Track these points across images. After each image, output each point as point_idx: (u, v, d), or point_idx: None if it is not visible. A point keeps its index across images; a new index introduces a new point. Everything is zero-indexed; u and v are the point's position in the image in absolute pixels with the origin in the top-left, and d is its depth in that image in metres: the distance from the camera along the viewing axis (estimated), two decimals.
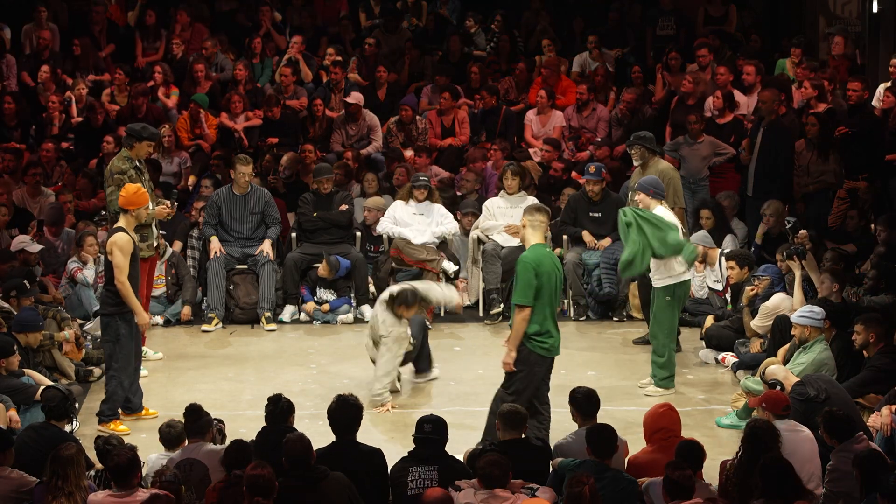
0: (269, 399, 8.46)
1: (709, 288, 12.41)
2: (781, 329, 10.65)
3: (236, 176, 12.99)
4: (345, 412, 8.14)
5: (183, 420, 8.41)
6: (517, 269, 8.95)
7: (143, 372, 10.78)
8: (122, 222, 9.94)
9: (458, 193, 14.21)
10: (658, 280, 10.77)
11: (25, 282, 11.38)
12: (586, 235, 13.01)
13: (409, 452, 8.03)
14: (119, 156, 11.23)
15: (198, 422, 8.30)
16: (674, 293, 10.73)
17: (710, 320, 11.86)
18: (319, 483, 7.53)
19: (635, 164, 11.79)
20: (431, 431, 8.00)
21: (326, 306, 12.84)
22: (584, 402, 8.48)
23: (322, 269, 12.93)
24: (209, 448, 8.18)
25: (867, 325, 9.70)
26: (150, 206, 10.25)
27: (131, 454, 7.52)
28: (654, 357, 10.83)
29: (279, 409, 8.36)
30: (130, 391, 10.11)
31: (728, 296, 12.08)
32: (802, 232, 11.22)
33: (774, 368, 9.65)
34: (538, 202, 9.94)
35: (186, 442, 8.34)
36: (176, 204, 12.96)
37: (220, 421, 8.86)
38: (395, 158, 14.73)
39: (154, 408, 10.32)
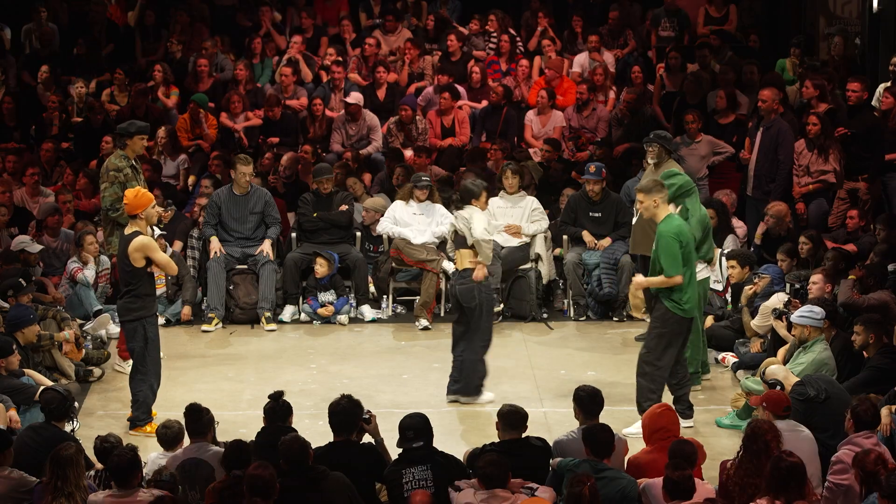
0: (270, 396, 8.46)
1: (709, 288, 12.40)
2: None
3: (237, 176, 12.99)
4: (346, 413, 8.15)
5: (182, 419, 8.40)
6: (660, 243, 9.55)
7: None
8: (134, 227, 9.90)
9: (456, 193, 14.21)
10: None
11: (21, 280, 11.39)
12: (586, 235, 13.00)
13: (399, 454, 8.03)
14: (115, 154, 11.24)
15: (199, 421, 8.28)
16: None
17: (709, 320, 11.84)
18: (319, 483, 7.54)
19: (650, 161, 11.71)
20: (414, 438, 7.99)
21: (331, 308, 12.84)
22: (587, 400, 8.46)
23: (319, 267, 12.92)
24: (216, 450, 8.16)
25: (867, 326, 9.70)
26: (156, 206, 10.17)
27: (132, 454, 7.51)
28: None
29: (279, 405, 8.36)
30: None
31: (728, 296, 12.08)
32: (795, 302, 11.11)
33: (774, 368, 9.65)
34: (650, 181, 10.06)
35: (187, 441, 8.33)
36: (173, 208, 12.97)
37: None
38: (395, 158, 14.73)
39: (154, 408, 10.31)
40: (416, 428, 8.03)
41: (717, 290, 12.18)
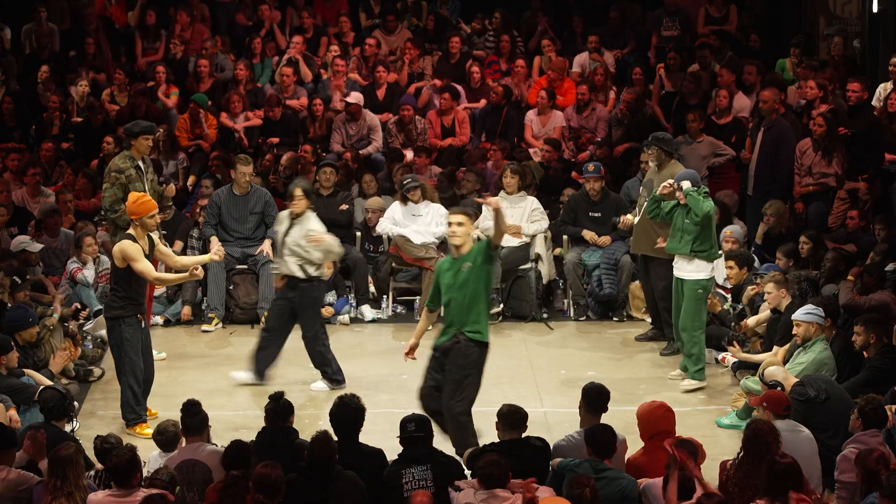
0: (270, 397, 8.45)
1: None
2: (773, 328, 10.69)
3: (237, 176, 13.00)
4: (346, 414, 8.14)
5: (179, 419, 8.39)
6: (483, 274, 9.18)
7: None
8: (130, 230, 9.95)
9: (458, 193, 14.21)
10: (690, 273, 10.77)
11: (16, 278, 11.40)
12: (587, 233, 13.00)
13: (399, 455, 8.02)
14: (120, 155, 11.29)
15: (195, 417, 8.27)
16: (705, 287, 10.79)
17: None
18: (331, 483, 7.52)
19: (651, 164, 11.78)
20: (416, 430, 8.00)
21: (330, 310, 12.83)
22: (593, 395, 8.46)
23: (325, 269, 12.92)
24: (211, 449, 8.16)
25: (867, 326, 9.71)
26: (156, 215, 10.15)
27: (131, 454, 7.51)
28: (686, 351, 10.87)
29: (280, 406, 8.35)
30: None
31: (729, 296, 12.09)
32: (744, 322, 11.21)
33: (773, 370, 9.64)
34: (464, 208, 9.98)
35: (184, 441, 8.32)
36: (173, 209, 12.97)
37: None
38: (395, 158, 14.73)
39: (155, 408, 10.32)
40: (416, 421, 8.05)
41: (726, 287, 12.16)
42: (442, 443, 8.26)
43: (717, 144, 14.11)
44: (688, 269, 10.81)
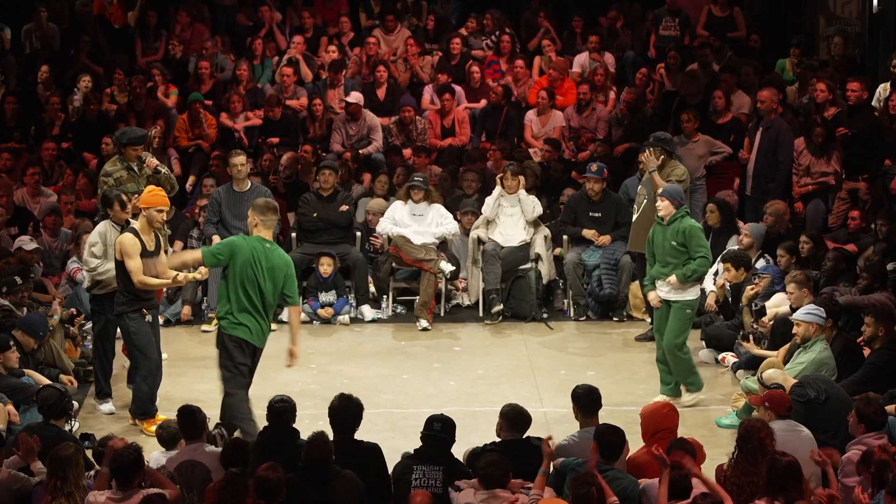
0: (273, 399, 8.44)
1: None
2: (781, 330, 10.66)
3: (231, 170, 12.97)
4: (347, 409, 8.14)
5: (176, 421, 8.40)
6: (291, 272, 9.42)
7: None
8: (136, 223, 9.99)
9: (461, 191, 14.19)
10: (677, 294, 10.49)
11: (17, 277, 11.40)
12: (587, 232, 12.99)
13: (414, 450, 8.02)
14: (111, 160, 11.34)
15: (193, 423, 8.27)
16: (693, 306, 10.64)
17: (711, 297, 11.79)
18: (330, 483, 7.53)
19: (652, 164, 11.74)
20: (441, 430, 7.98)
21: (330, 311, 12.83)
22: (584, 398, 8.43)
23: (324, 266, 12.91)
24: (211, 450, 8.17)
25: (877, 318, 9.69)
26: (164, 211, 10.08)
27: (135, 455, 7.50)
28: (672, 377, 10.66)
29: (281, 407, 8.34)
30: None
31: (728, 294, 12.07)
32: (763, 320, 11.16)
33: (772, 372, 9.60)
34: (271, 200, 9.96)
35: (184, 442, 8.33)
36: (173, 208, 12.94)
37: (218, 425, 8.85)
38: (395, 158, 14.73)
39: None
40: (443, 421, 8.03)
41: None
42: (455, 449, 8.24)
43: (713, 143, 14.09)
44: (674, 291, 10.50)
